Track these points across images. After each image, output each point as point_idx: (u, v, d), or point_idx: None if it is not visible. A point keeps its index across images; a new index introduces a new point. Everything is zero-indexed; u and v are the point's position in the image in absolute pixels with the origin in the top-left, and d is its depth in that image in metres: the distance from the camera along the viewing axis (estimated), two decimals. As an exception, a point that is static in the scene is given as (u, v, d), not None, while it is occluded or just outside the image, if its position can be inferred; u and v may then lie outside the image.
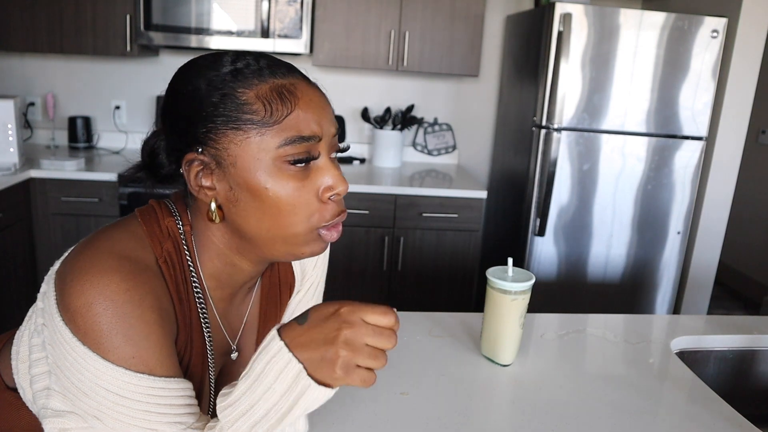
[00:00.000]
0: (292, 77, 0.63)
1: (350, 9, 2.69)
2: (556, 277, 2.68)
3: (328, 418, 0.90)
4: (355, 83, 3.11)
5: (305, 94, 0.62)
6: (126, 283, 0.59)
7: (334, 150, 0.66)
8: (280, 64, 0.64)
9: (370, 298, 2.67)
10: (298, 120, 0.61)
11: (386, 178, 2.75)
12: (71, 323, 0.58)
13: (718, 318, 1.35)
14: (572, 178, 2.57)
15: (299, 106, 0.61)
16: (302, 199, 0.62)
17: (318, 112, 0.62)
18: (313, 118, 0.62)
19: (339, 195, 0.63)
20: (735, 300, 3.88)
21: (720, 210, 2.71)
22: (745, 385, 1.28)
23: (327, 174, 0.63)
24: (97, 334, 0.57)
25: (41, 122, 2.99)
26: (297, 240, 0.64)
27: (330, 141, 0.64)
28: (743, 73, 2.56)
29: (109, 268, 0.59)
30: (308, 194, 0.62)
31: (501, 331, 1.07)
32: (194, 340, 0.71)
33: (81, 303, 0.57)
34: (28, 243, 2.45)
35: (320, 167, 0.63)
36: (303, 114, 0.61)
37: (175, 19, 2.55)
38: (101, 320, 0.57)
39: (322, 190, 0.63)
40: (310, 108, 0.62)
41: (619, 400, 1.00)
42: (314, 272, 0.87)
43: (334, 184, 0.63)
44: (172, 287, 0.66)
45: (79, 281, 0.58)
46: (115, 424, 0.58)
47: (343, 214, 0.66)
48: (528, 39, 2.71)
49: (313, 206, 0.63)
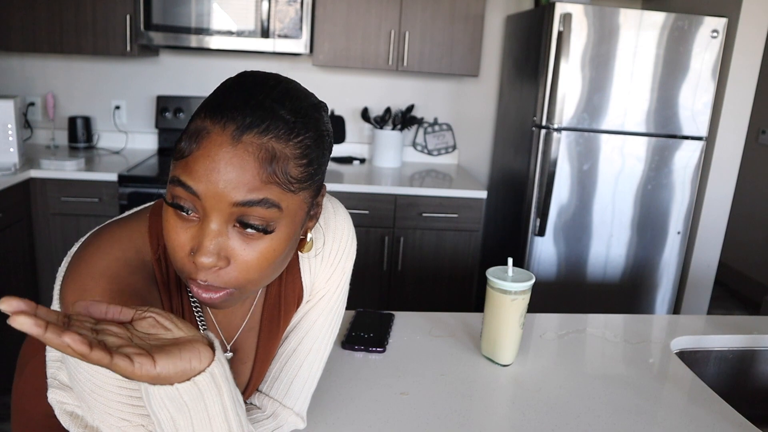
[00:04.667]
0: (220, 127, 0.57)
1: (350, 9, 2.69)
2: (556, 277, 2.68)
3: (328, 418, 0.90)
4: (355, 83, 3.11)
5: (209, 148, 0.57)
6: (111, 286, 0.62)
7: (232, 220, 0.58)
8: (237, 111, 0.58)
9: (370, 298, 2.68)
10: (187, 167, 0.57)
11: (386, 178, 2.75)
12: (63, 306, 0.63)
13: (718, 318, 1.35)
14: (572, 178, 2.57)
15: (194, 156, 0.57)
16: (174, 243, 0.60)
17: (207, 171, 0.56)
18: (199, 173, 0.56)
19: (196, 264, 0.58)
20: (735, 300, 3.88)
21: (720, 210, 2.71)
22: (745, 385, 1.28)
23: (198, 236, 0.58)
24: None
25: (41, 122, 2.99)
26: (183, 277, 0.62)
27: (222, 208, 0.57)
28: (743, 73, 2.56)
29: (100, 272, 0.62)
30: (181, 243, 0.59)
31: (501, 331, 1.07)
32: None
33: (71, 300, 0.61)
34: (28, 243, 2.45)
35: (199, 225, 0.59)
36: (192, 164, 0.57)
37: (175, 19, 2.55)
38: None
39: (190, 248, 0.59)
40: (200, 162, 0.57)
41: (619, 400, 1.00)
42: (327, 285, 0.83)
43: (195, 247, 0.58)
44: (162, 287, 0.68)
45: (73, 280, 0.62)
46: (95, 408, 0.61)
47: (211, 290, 0.60)
48: (528, 39, 2.71)
49: (182, 255, 0.60)
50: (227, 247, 0.59)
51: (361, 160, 3.09)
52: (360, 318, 1.23)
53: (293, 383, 0.82)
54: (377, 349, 1.11)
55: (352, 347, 1.11)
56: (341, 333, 1.16)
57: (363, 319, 1.22)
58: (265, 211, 0.58)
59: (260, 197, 0.57)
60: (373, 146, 3.05)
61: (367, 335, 1.15)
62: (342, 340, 1.13)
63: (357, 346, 1.11)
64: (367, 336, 1.15)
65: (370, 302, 2.67)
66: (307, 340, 0.82)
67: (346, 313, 1.25)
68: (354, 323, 1.20)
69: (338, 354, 1.09)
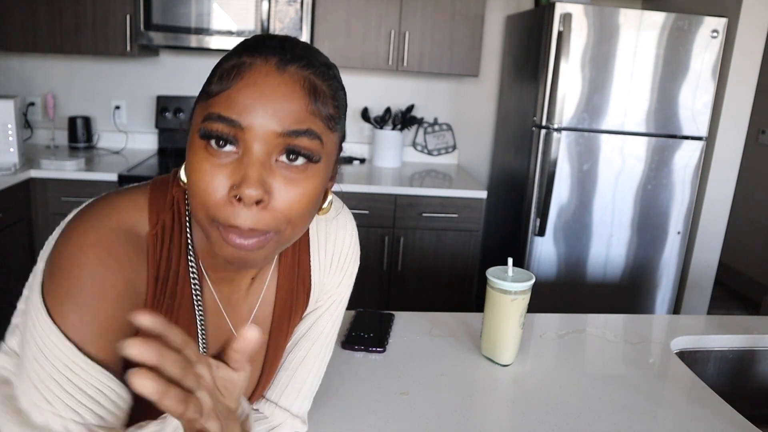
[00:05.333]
0: (262, 59, 0.57)
1: (350, 9, 2.69)
2: (556, 277, 2.68)
3: (328, 418, 0.90)
4: (355, 83, 3.11)
5: (254, 77, 0.56)
6: (98, 259, 0.59)
7: (277, 152, 0.56)
8: (275, 48, 0.58)
9: (370, 298, 2.68)
10: (229, 100, 0.55)
11: (386, 178, 2.75)
12: (46, 273, 0.60)
13: (718, 318, 1.35)
14: (572, 178, 2.57)
15: (236, 87, 0.56)
16: (207, 185, 0.55)
17: (253, 100, 0.55)
18: (244, 103, 0.55)
19: (242, 197, 0.54)
20: (735, 300, 3.88)
21: (720, 210, 2.71)
22: (745, 385, 1.28)
23: (240, 170, 0.55)
24: (54, 293, 0.58)
25: (41, 122, 2.99)
26: (204, 229, 0.58)
27: (268, 138, 0.55)
28: (743, 73, 2.56)
29: (89, 242, 0.59)
30: (217, 183, 0.55)
31: (501, 331, 1.07)
32: (180, 316, 0.68)
33: (55, 263, 0.59)
34: (28, 243, 2.45)
35: (239, 160, 0.56)
36: (235, 95, 0.55)
37: (175, 19, 2.55)
38: (63, 283, 0.58)
39: (229, 185, 0.56)
40: (244, 92, 0.55)
41: (619, 400, 1.00)
42: (339, 289, 0.82)
43: (238, 181, 0.55)
44: (152, 265, 0.64)
45: (63, 246, 0.60)
46: (24, 377, 0.58)
47: (247, 232, 0.56)
48: (528, 39, 2.71)
49: (218, 198, 0.55)
50: (269, 183, 0.56)
51: (361, 160, 3.09)
52: (360, 318, 1.23)
53: (290, 384, 0.81)
54: (377, 349, 1.11)
55: (352, 347, 1.11)
56: (341, 333, 1.16)
57: (363, 319, 1.22)
58: (309, 143, 0.57)
59: (306, 127, 0.56)
60: (373, 146, 3.05)
61: (367, 335, 1.15)
62: (342, 340, 1.13)
63: (357, 346, 1.11)
64: (367, 336, 1.15)
65: (370, 302, 2.67)
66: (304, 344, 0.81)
67: (346, 313, 1.25)
68: (354, 323, 1.20)
69: (338, 354, 1.09)
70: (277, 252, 0.62)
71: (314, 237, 0.78)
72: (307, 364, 0.81)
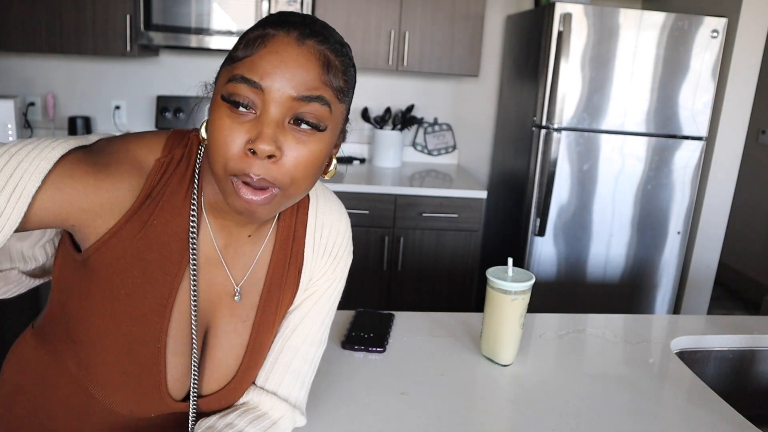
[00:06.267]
0: (284, 32, 0.64)
1: (350, 9, 2.69)
2: (556, 277, 2.68)
3: (328, 418, 0.90)
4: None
5: (276, 47, 0.63)
6: (101, 163, 0.65)
7: (290, 115, 0.63)
8: (297, 23, 0.65)
9: (370, 298, 2.68)
10: (252, 64, 0.62)
11: (386, 178, 2.75)
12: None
13: (718, 318, 1.35)
14: (572, 178, 2.57)
15: (259, 54, 0.62)
16: (226, 139, 0.62)
17: (274, 66, 0.62)
18: (266, 68, 0.62)
19: (256, 150, 0.61)
20: (735, 300, 3.88)
21: (720, 210, 2.71)
22: (745, 385, 1.28)
23: (257, 127, 0.62)
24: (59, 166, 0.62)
25: (41, 122, 2.99)
26: (219, 181, 0.65)
27: (283, 101, 0.62)
28: (743, 73, 2.56)
29: (100, 146, 0.68)
30: (235, 137, 0.62)
31: (501, 331, 1.07)
32: (169, 241, 0.70)
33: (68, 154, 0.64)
34: (28, 243, 2.45)
35: (256, 119, 0.63)
36: (258, 61, 0.62)
37: (175, 19, 2.55)
38: (65, 164, 0.63)
39: (246, 140, 0.62)
40: (266, 59, 0.62)
41: (619, 400, 1.00)
42: (332, 275, 0.85)
43: (254, 137, 0.62)
44: (147, 184, 0.69)
45: (93, 145, 0.68)
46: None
47: (259, 180, 0.63)
48: (528, 39, 2.71)
49: (235, 151, 0.62)
50: (281, 141, 0.63)
51: (361, 160, 3.09)
52: (360, 318, 1.23)
53: (287, 373, 0.81)
54: (377, 349, 1.11)
55: (352, 347, 1.11)
56: (341, 333, 1.16)
57: (363, 319, 1.22)
58: (320, 108, 0.64)
59: (318, 94, 0.64)
60: (373, 146, 3.05)
61: (367, 335, 1.15)
62: (342, 340, 1.13)
63: (357, 346, 1.11)
64: (367, 336, 1.15)
65: (370, 302, 2.67)
66: (301, 331, 0.82)
67: (346, 313, 1.25)
68: (354, 323, 1.20)
69: (338, 354, 1.09)
70: (280, 208, 0.68)
71: (312, 221, 0.82)
72: (303, 352, 0.82)
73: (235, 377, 0.78)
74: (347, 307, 1.02)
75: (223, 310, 0.77)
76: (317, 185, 0.85)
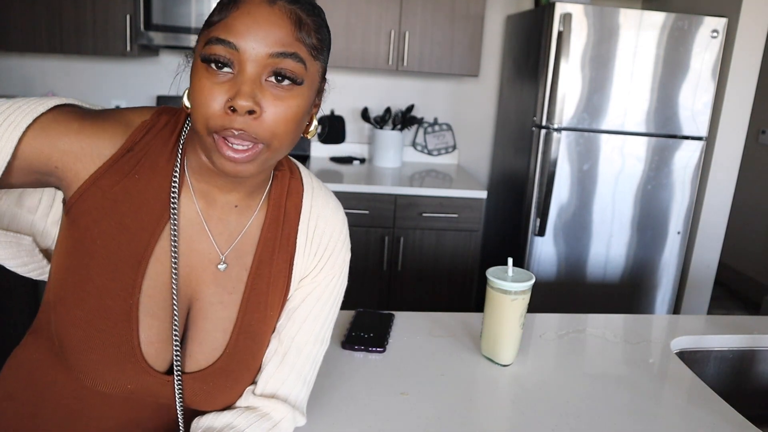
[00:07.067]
0: None
1: (350, 9, 2.69)
2: (556, 277, 2.68)
3: (328, 418, 0.90)
4: (355, 83, 3.11)
5: (248, 8, 0.65)
6: (89, 115, 0.71)
7: (266, 72, 0.65)
8: None
9: (370, 298, 2.68)
10: (226, 26, 0.65)
11: (386, 178, 2.75)
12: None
13: (718, 318, 1.35)
14: (572, 178, 2.57)
15: (233, 16, 0.65)
16: (207, 98, 0.65)
17: (247, 26, 0.64)
18: (239, 29, 0.64)
19: (236, 107, 0.63)
20: (735, 300, 3.88)
21: (720, 210, 2.71)
22: (745, 385, 1.28)
23: (236, 86, 0.64)
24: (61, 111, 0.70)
25: (41, 122, 2.99)
26: (202, 140, 0.68)
27: (259, 59, 0.65)
28: (743, 73, 2.56)
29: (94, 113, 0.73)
30: (215, 96, 0.65)
31: (501, 331, 1.07)
32: (149, 197, 0.73)
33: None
34: (28, 243, 2.45)
35: (234, 78, 0.65)
36: (231, 22, 0.65)
37: (175, 19, 2.55)
38: (57, 111, 0.70)
39: (226, 99, 0.65)
40: (239, 20, 0.64)
41: (619, 400, 1.00)
42: (332, 271, 0.84)
43: (233, 95, 0.64)
44: (129, 140, 0.72)
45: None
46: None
47: (240, 134, 0.65)
48: (528, 39, 2.71)
49: (215, 109, 0.65)
50: (259, 98, 0.65)
51: (361, 160, 3.09)
52: (360, 318, 1.23)
53: (291, 372, 0.80)
54: (377, 349, 1.11)
55: (352, 347, 1.11)
56: (341, 333, 1.16)
57: (363, 319, 1.22)
58: (295, 65, 0.66)
59: (292, 50, 0.66)
60: (373, 146, 3.05)
61: (367, 335, 1.15)
62: (342, 340, 1.13)
63: (357, 346, 1.11)
64: (367, 336, 1.15)
65: (370, 302, 2.67)
66: (304, 329, 0.81)
67: (346, 313, 1.25)
68: (354, 323, 1.20)
69: (338, 354, 1.09)
70: (264, 166, 0.69)
71: (306, 210, 0.82)
72: (306, 352, 0.81)
73: (223, 354, 0.76)
74: (347, 307, 1.02)
75: (206, 279, 0.76)
76: (313, 179, 0.85)
